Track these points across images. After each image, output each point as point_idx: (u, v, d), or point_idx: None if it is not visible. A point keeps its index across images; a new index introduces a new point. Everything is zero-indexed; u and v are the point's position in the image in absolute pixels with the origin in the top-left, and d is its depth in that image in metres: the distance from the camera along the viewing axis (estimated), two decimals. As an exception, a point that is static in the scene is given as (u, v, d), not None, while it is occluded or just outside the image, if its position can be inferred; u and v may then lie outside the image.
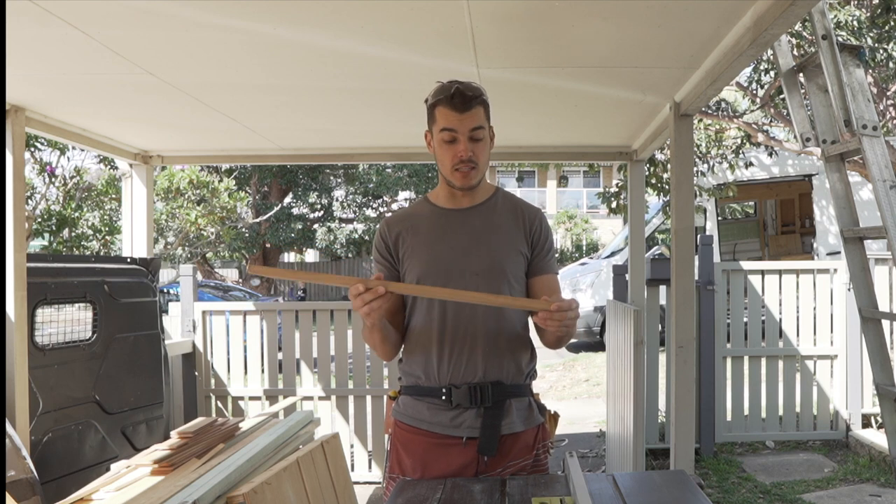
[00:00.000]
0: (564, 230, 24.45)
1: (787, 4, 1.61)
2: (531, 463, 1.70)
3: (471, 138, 1.62)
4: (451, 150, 1.63)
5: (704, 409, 4.48)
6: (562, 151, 3.94)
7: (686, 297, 2.52)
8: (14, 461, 2.32)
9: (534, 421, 1.72)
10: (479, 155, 1.64)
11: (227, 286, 12.57)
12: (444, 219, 1.72)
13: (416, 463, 1.67)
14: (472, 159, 1.62)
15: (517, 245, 1.71)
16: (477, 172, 1.66)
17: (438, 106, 1.63)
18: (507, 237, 1.71)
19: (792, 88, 3.44)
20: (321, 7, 1.81)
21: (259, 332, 4.36)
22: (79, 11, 1.83)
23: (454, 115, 1.60)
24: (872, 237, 3.13)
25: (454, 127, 1.61)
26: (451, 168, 1.64)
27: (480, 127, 1.63)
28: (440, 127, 1.63)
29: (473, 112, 1.61)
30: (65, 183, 6.68)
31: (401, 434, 1.72)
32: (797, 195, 10.17)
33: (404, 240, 1.71)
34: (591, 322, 9.12)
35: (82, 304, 3.10)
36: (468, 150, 1.62)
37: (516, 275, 1.70)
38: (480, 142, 1.64)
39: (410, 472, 1.68)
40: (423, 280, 1.66)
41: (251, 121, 3.13)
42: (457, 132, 1.61)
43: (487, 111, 1.67)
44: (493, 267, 1.67)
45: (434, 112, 1.65)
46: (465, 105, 1.60)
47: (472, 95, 1.61)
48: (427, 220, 1.73)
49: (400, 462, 1.71)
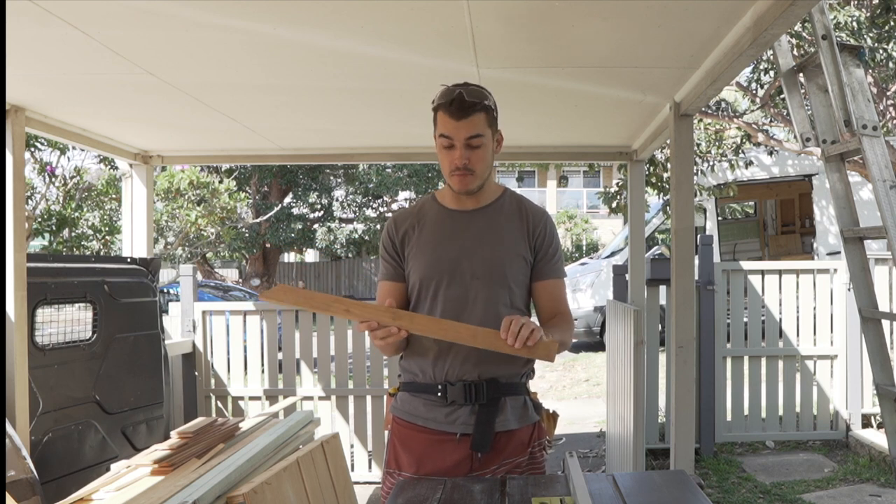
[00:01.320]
0: (564, 230, 24.44)
1: (787, 4, 1.61)
2: (526, 461, 1.71)
3: (467, 146, 1.62)
4: (448, 155, 1.65)
5: (704, 409, 4.48)
6: (562, 151, 3.94)
7: (686, 297, 2.52)
8: (14, 461, 2.32)
9: (529, 419, 1.72)
10: (476, 163, 1.64)
11: (227, 286, 12.57)
12: (450, 220, 1.73)
13: (412, 458, 1.68)
14: (466, 167, 1.63)
15: (519, 249, 1.71)
16: (474, 178, 1.66)
17: (439, 111, 1.64)
18: (509, 241, 1.70)
19: (792, 88, 3.44)
20: (321, 7, 1.81)
21: (259, 332, 4.36)
22: (79, 11, 1.83)
23: (451, 122, 1.61)
24: (872, 237, 3.13)
25: (450, 134, 1.62)
26: (448, 173, 1.67)
27: (479, 135, 1.62)
28: (439, 132, 1.65)
29: (472, 119, 1.60)
30: (65, 183, 6.68)
31: (398, 430, 1.74)
32: (797, 195, 10.17)
33: (410, 238, 1.73)
34: (591, 322, 9.13)
35: (82, 304, 3.10)
36: (463, 158, 1.62)
37: (516, 279, 1.70)
38: (478, 149, 1.64)
39: (406, 467, 1.69)
40: (425, 279, 1.68)
41: (251, 121, 3.13)
42: (453, 139, 1.62)
43: (491, 117, 1.66)
44: (494, 271, 1.67)
45: (436, 116, 1.66)
46: (462, 112, 1.59)
47: (471, 102, 1.60)
48: (433, 219, 1.74)
49: (397, 457, 1.72)
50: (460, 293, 1.66)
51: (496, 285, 1.67)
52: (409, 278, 1.72)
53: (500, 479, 1.59)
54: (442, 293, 1.67)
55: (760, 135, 6.35)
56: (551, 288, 1.73)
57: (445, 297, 1.67)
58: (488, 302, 1.66)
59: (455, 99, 1.59)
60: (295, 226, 16.82)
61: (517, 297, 1.70)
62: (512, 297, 1.69)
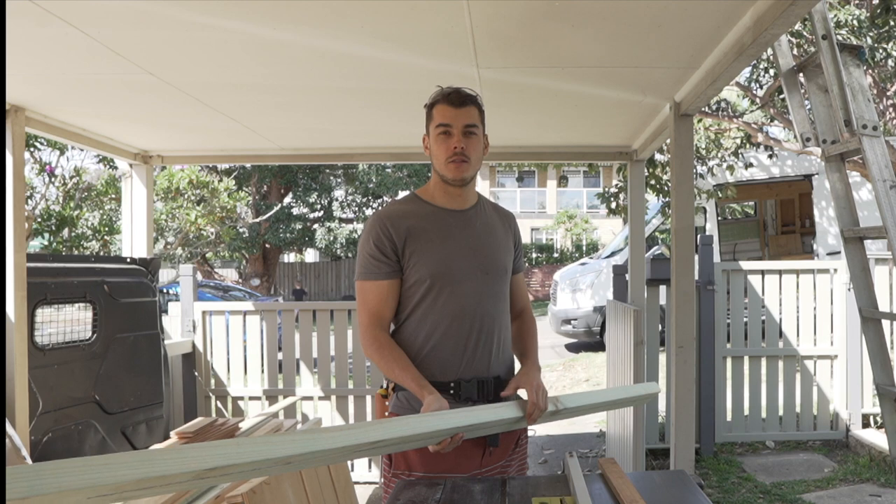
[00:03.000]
0: (564, 230, 24.46)
1: (787, 4, 1.61)
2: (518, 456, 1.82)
3: (464, 133, 1.71)
4: (445, 143, 1.71)
5: (704, 409, 4.48)
6: (562, 151, 3.94)
7: (686, 297, 2.52)
8: (14, 461, 2.32)
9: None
10: (472, 150, 1.72)
11: (227, 286, 12.58)
12: (451, 218, 1.76)
13: (423, 457, 1.68)
14: (464, 152, 1.70)
15: (507, 245, 1.85)
16: (469, 167, 1.73)
17: (437, 104, 1.73)
18: (502, 239, 1.83)
19: (792, 88, 3.44)
20: (321, 7, 1.82)
21: (259, 332, 4.36)
22: (79, 11, 1.84)
23: (450, 109, 1.71)
24: (872, 237, 3.13)
25: (449, 121, 1.70)
26: (444, 161, 1.72)
27: (474, 125, 1.72)
28: (436, 123, 1.72)
29: (468, 109, 1.72)
30: (64, 183, 6.68)
31: None
32: (797, 195, 10.17)
33: (413, 237, 1.72)
34: (590, 322, 9.13)
35: (82, 304, 3.10)
36: (461, 143, 1.70)
37: (509, 273, 1.85)
38: (474, 137, 1.73)
39: (418, 465, 1.68)
40: (436, 276, 1.70)
41: (251, 121, 3.13)
42: (451, 126, 1.70)
43: (482, 116, 1.77)
44: (498, 266, 1.78)
45: (432, 111, 1.75)
46: (461, 101, 1.71)
47: (467, 95, 1.73)
48: (432, 217, 1.75)
49: (406, 457, 1.71)
50: (473, 288, 1.72)
51: (500, 279, 1.79)
52: (411, 277, 1.71)
53: (501, 479, 1.59)
54: (455, 289, 1.70)
55: (760, 135, 6.35)
56: (520, 280, 1.93)
57: (459, 292, 1.70)
58: (496, 296, 1.77)
59: (453, 92, 1.72)
60: (295, 226, 16.83)
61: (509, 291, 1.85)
62: (507, 291, 1.83)
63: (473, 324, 1.70)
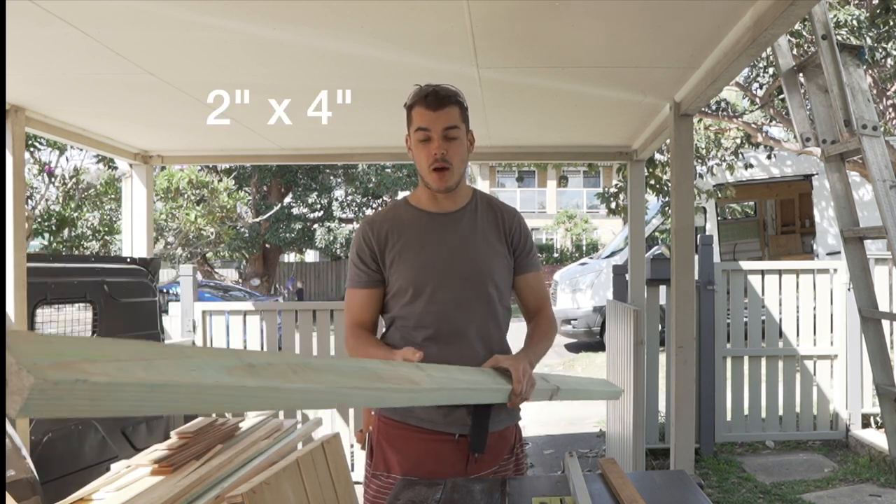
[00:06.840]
0: (564, 230, 24.47)
1: (787, 4, 1.61)
2: (513, 463, 1.75)
3: (444, 137, 1.63)
4: (425, 149, 1.65)
5: (704, 409, 4.48)
6: (562, 151, 3.94)
7: (686, 297, 2.52)
8: (14, 461, 2.32)
9: (513, 418, 1.75)
10: (453, 156, 1.65)
11: (227, 286, 12.58)
12: (433, 222, 1.71)
13: (404, 459, 1.66)
14: (444, 158, 1.63)
15: (499, 248, 1.74)
16: (451, 174, 1.66)
17: (414, 107, 1.66)
18: (491, 241, 1.73)
19: (792, 88, 3.44)
20: (321, 7, 1.82)
21: (259, 332, 4.36)
22: (79, 11, 1.83)
23: (428, 113, 1.63)
24: (872, 237, 3.13)
25: (428, 125, 1.63)
26: (427, 168, 1.66)
27: (454, 126, 1.64)
28: (415, 126, 1.66)
29: (447, 111, 1.63)
30: (64, 183, 6.68)
31: (386, 430, 1.71)
32: (797, 195, 10.17)
33: (390, 243, 1.69)
34: (591, 322, 9.13)
35: (82, 304, 3.10)
36: (441, 149, 1.63)
37: (501, 278, 1.73)
38: (454, 141, 1.65)
39: (397, 468, 1.67)
40: (415, 283, 1.66)
41: (251, 121, 3.13)
42: (430, 131, 1.63)
43: (465, 114, 1.69)
44: (481, 271, 1.69)
45: (411, 114, 1.68)
46: (438, 104, 1.62)
47: (445, 95, 1.64)
48: (414, 223, 1.71)
49: (385, 459, 1.70)
50: (453, 295, 1.65)
51: (483, 284, 1.68)
52: (392, 283, 1.69)
53: (501, 479, 1.59)
54: (435, 296, 1.65)
55: (760, 135, 6.35)
56: (532, 281, 1.79)
57: (439, 299, 1.65)
58: (480, 302, 1.68)
59: (430, 93, 1.64)
60: (295, 226, 16.83)
61: (504, 296, 1.73)
62: (498, 294, 1.71)
63: (452, 330, 1.64)
